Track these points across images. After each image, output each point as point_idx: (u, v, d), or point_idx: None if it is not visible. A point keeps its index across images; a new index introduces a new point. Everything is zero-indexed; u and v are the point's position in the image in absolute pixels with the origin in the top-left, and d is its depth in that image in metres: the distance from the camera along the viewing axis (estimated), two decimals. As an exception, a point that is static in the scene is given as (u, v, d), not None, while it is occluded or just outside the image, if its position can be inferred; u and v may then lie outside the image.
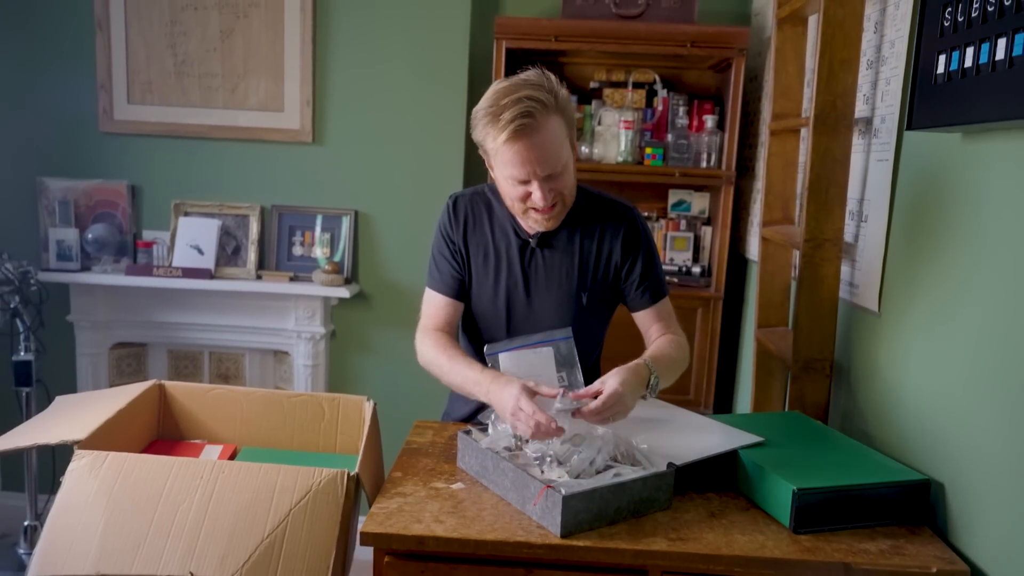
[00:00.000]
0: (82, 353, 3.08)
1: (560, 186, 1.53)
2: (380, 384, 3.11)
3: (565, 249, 1.66)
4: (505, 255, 1.67)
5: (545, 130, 1.46)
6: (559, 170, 1.51)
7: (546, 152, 1.47)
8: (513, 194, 1.54)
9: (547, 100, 1.46)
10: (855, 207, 1.79)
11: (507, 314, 1.69)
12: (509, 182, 1.53)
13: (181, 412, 1.80)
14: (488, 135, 1.48)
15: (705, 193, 2.98)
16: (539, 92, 1.46)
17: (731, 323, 2.95)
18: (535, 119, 1.44)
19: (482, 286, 1.70)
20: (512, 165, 1.48)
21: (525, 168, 1.48)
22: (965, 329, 1.32)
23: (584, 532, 1.26)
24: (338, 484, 1.35)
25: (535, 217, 1.57)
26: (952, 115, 1.26)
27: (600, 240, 1.67)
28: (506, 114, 1.43)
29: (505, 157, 1.48)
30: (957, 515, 1.31)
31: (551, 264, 1.66)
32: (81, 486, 1.32)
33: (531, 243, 1.66)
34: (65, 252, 2.98)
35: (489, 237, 1.68)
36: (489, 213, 1.70)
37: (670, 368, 1.58)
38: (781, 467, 1.37)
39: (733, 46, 2.67)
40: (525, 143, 1.45)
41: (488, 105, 1.48)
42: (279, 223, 3.04)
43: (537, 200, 1.51)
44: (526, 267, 1.67)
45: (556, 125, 1.48)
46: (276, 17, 2.91)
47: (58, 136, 3.03)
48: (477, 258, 1.69)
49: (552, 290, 1.66)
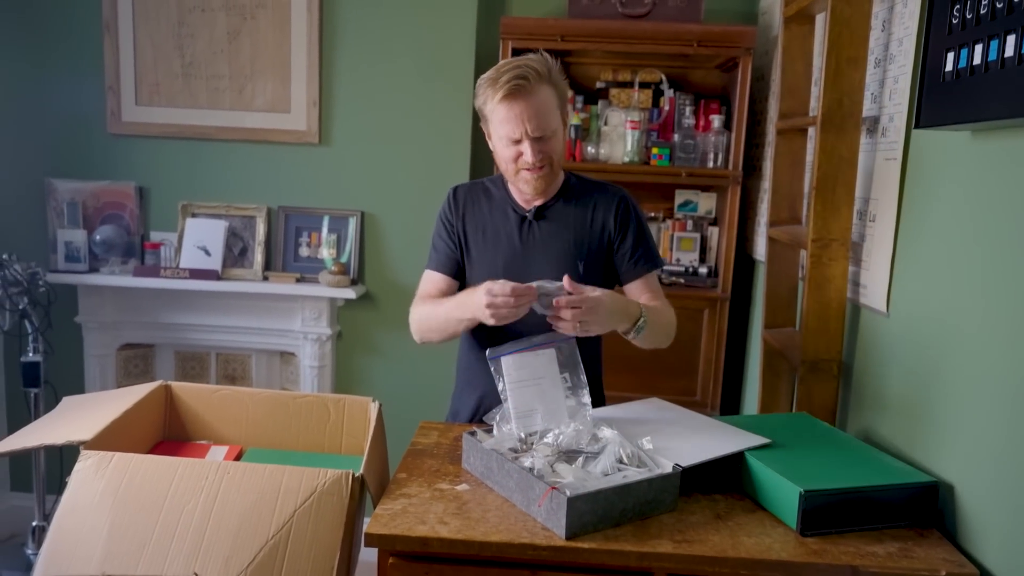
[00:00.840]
0: (90, 354, 3.09)
1: (548, 149, 1.66)
2: (386, 385, 3.10)
3: (560, 221, 1.76)
4: (503, 230, 1.77)
5: (537, 95, 1.62)
6: (548, 134, 1.65)
7: (537, 112, 1.62)
8: (507, 155, 1.68)
9: (541, 70, 1.63)
10: (863, 206, 1.78)
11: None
12: (503, 142, 1.67)
13: (187, 413, 1.80)
14: (488, 97, 1.64)
15: (712, 193, 2.96)
16: (535, 63, 1.63)
17: (738, 324, 2.94)
18: (529, 82, 1.60)
19: (482, 260, 1.78)
20: (506, 122, 1.63)
21: (518, 126, 1.62)
22: (974, 329, 1.30)
23: (589, 534, 1.25)
24: (343, 485, 1.34)
25: (525, 177, 1.68)
26: (960, 113, 1.25)
27: (593, 213, 1.77)
28: (504, 77, 1.60)
29: (500, 115, 1.63)
30: (966, 517, 1.30)
31: (548, 235, 1.76)
32: (87, 487, 1.32)
33: (528, 217, 1.76)
34: (73, 253, 2.99)
35: (487, 216, 1.79)
36: (487, 197, 1.82)
37: (659, 324, 1.70)
38: (788, 469, 1.36)
39: (740, 45, 2.66)
40: (519, 103, 1.61)
41: (490, 73, 1.65)
42: (285, 224, 3.04)
43: (527, 157, 1.64)
44: (524, 239, 1.76)
45: (548, 94, 1.64)
46: (283, 18, 2.92)
47: (66, 138, 3.05)
48: (476, 236, 1.79)
49: (550, 260, 1.74)
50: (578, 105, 2.92)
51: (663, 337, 1.74)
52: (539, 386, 1.49)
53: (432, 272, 1.83)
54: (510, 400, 1.48)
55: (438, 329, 1.74)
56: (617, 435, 1.40)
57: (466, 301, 1.62)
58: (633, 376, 2.79)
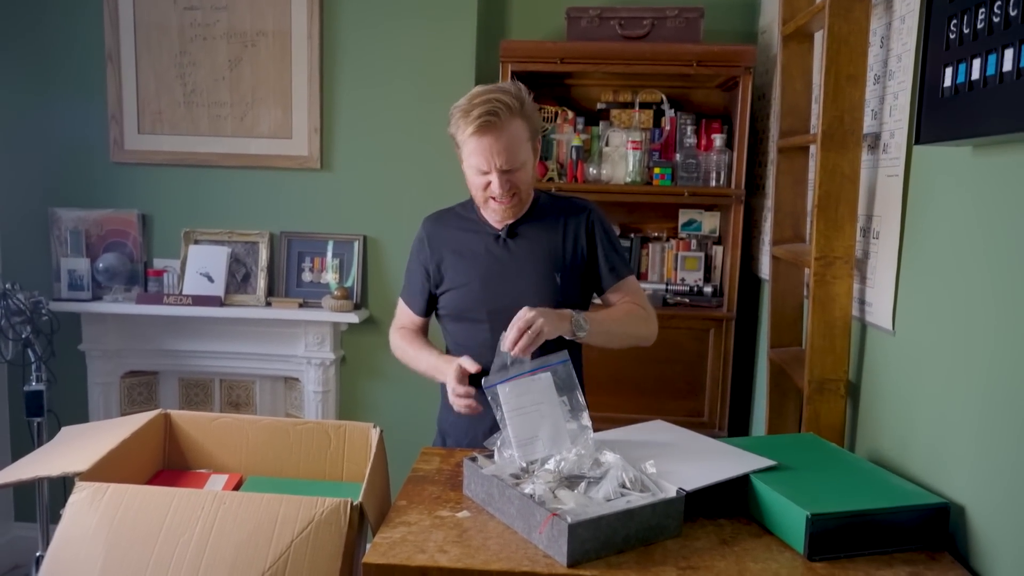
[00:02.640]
0: (94, 382, 3.08)
1: (517, 180, 1.70)
2: (390, 409, 3.08)
3: (534, 237, 1.81)
4: (478, 249, 1.82)
5: (507, 129, 1.65)
6: (516, 166, 1.68)
7: (506, 147, 1.65)
8: (476, 183, 1.72)
9: (512, 104, 1.65)
10: (866, 223, 1.76)
11: (487, 302, 1.77)
12: (472, 171, 1.71)
13: (187, 441, 1.79)
14: (459, 128, 1.67)
15: (715, 212, 2.95)
16: (506, 96, 1.65)
17: (745, 343, 2.91)
18: (499, 117, 1.63)
19: (459, 280, 1.82)
20: (475, 155, 1.67)
21: (486, 159, 1.66)
22: (981, 346, 1.28)
23: (592, 561, 1.22)
24: (341, 514, 1.32)
25: (494, 207, 1.74)
26: (961, 129, 1.23)
27: (565, 228, 1.82)
28: (475, 111, 1.63)
29: (470, 147, 1.67)
30: (978, 539, 1.27)
31: (523, 250, 1.80)
32: (81, 519, 1.31)
33: (501, 235, 1.80)
34: (76, 282, 3.00)
35: (460, 237, 1.84)
36: (459, 220, 1.87)
37: (609, 320, 1.77)
38: (795, 491, 1.33)
39: (740, 64, 2.66)
40: (488, 137, 1.64)
41: (462, 103, 1.67)
42: (288, 250, 3.04)
43: (495, 189, 1.69)
44: (499, 257, 1.80)
45: (518, 127, 1.67)
46: (283, 46, 2.94)
47: (69, 167, 3.07)
48: (450, 259, 1.83)
49: (526, 275, 1.78)
50: (579, 126, 2.92)
51: (626, 337, 1.81)
52: (539, 412, 1.47)
53: (402, 305, 1.94)
54: (510, 428, 1.46)
55: (417, 371, 1.86)
56: (620, 459, 1.37)
57: (441, 368, 1.73)
58: (640, 397, 2.77)
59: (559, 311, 1.65)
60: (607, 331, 1.75)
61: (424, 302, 1.89)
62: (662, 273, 2.93)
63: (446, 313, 1.86)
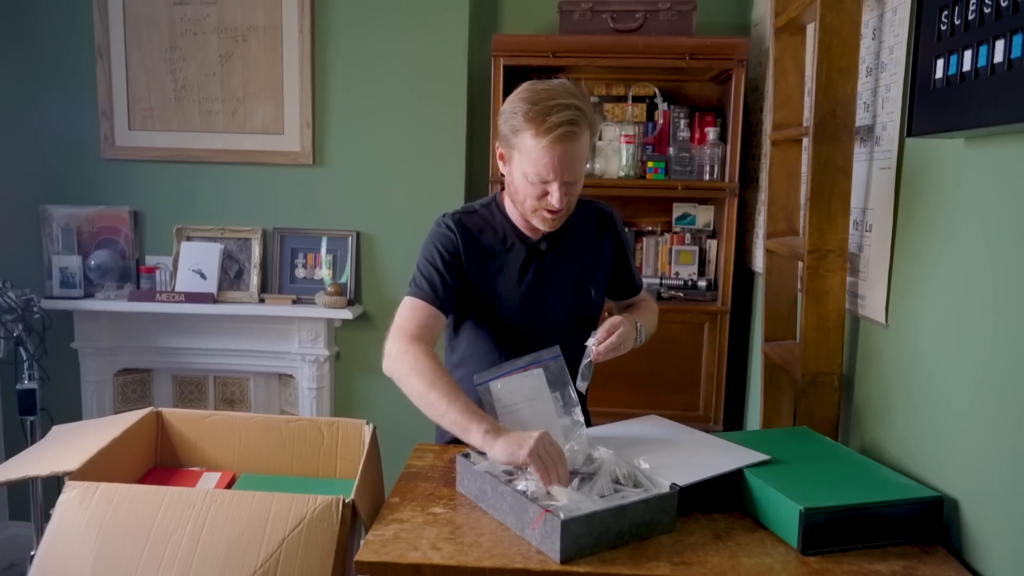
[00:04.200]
0: (87, 380, 3.07)
1: (573, 192, 1.60)
2: (385, 405, 3.07)
3: (570, 249, 1.73)
4: (517, 261, 1.69)
5: (581, 140, 1.53)
6: (578, 178, 1.58)
7: (575, 160, 1.54)
8: (531, 191, 1.57)
9: (589, 113, 1.55)
10: (859, 216, 1.76)
11: (524, 316, 1.69)
12: (529, 179, 1.55)
13: (179, 439, 1.78)
14: (527, 132, 1.51)
15: (709, 206, 2.95)
16: (583, 103, 1.53)
17: (740, 337, 2.91)
18: (579, 127, 1.51)
19: (497, 293, 1.68)
20: (541, 163, 1.52)
21: (553, 171, 1.52)
22: (975, 339, 1.28)
23: (585, 557, 1.22)
24: (333, 511, 1.32)
25: (544, 216, 1.61)
26: (952, 120, 1.23)
27: (596, 236, 1.77)
28: (554, 117, 1.48)
29: (535, 155, 1.52)
30: (972, 533, 1.27)
31: (561, 264, 1.72)
32: (71, 518, 1.30)
33: (542, 247, 1.70)
34: (68, 279, 2.98)
35: (496, 244, 1.70)
36: (489, 227, 1.71)
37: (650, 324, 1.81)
38: (788, 486, 1.33)
39: (732, 57, 2.65)
40: (564, 148, 1.50)
41: (533, 103, 1.51)
42: (281, 246, 3.03)
43: (554, 201, 1.56)
44: (538, 272, 1.70)
45: (587, 138, 1.56)
46: (274, 40, 2.92)
47: (60, 163, 3.04)
48: (484, 270, 1.67)
49: (566, 289, 1.72)
50: (572, 120, 2.90)
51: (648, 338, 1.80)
52: (531, 408, 1.46)
53: (420, 303, 1.61)
54: (503, 425, 1.45)
55: (418, 404, 1.52)
56: (613, 455, 1.37)
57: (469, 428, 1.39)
58: (634, 392, 2.76)
59: (631, 324, 1.64)
60: (647, 335, 1.76)
61: (452, 299, 1.65)
62: (656, 267, 2.93)
63: (476, 324, 1.70)
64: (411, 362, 1.51)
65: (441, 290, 1.62)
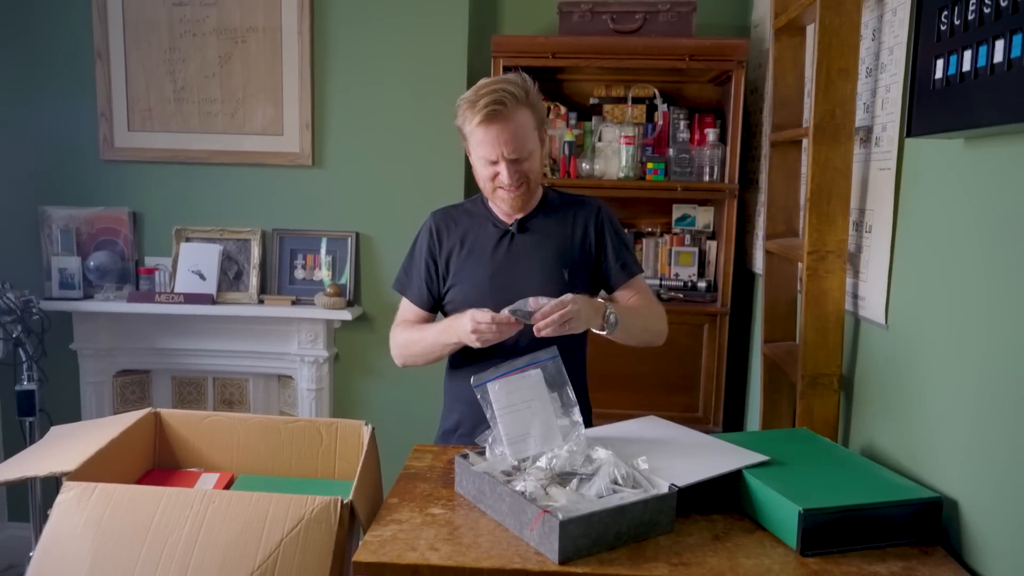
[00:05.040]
0: (86, 381, 3.07)
1: (525, 169, 1.70)
2: (384, 406, 3.08)
3: (542, 233, 1.80)
4: (487, 244, 1.80)
5: (514, 118, 1.65)
6: (524, 156, 1.68)
7: (514, 136, 1.65)
8: (484, 174, 1.73)
9: (518, 93, 1.66)
10: (859, 217, 1.76)
11: (495, 295, 1.72)
12: (481, 162, 1.71)
13: (177, 440, 1.78)
14: (466, 119, 1.67)
15: (709, 207, 2.94)
16: (512, 86, 1.67)
17: (740, 338, 2.91)
18: (506, 107, 1.64)
19: (467, 275, 1.80)
20: (483, 145, 1.67)
21: (494, 148, 1.66)
22: (975, 340, 1.27)
23: (583, 558, 1.22)
24: (331, 512, 1.31)
25: (503, 196, 1.73)
26: (952, 121, 1.23)
27: (574, 224, 1.82)
28: (481, 101, 1.63)
29: (477, 138, 1.67)
30: (971, 534, 1.26)
31: (531, 247, 1.79)
32: (69, 519, 1.29)
33: (511, 230, 1.80)
34: (67, 280, 2.98)
35: (469, 232, 1.82)
36: (468, 216, 1.86)
37: (636, 315, 1.76)
38: (787, 487, 1.33)
39: (732, 58, 2.65)
40: (496, 126, 1.64)
41: (468, 95, 1.68)
42: (280, 247, 3.03)
43: (503, 179, 1.69)
44: (508, 251, 1.79)
45: (525, 116, 1.67)
46: (274, 41, 2.92)
47: (59, 165, 3.04)
48: (459, 254, 1.81)
49: (535, 270, 1.77)
50: (571, 121, 2.91)
51: (644, 332, 1.80)
52: (529, 409, 1.46)
53: (408, 304, 1.87)
54: (501, 427, 1.44)
55: (422, 354, 1.79)
56: (611, 456, 1.37)
57: (452, 325, 1.68)
58: (634, 393, 2.76)
59: (595, 304, 1.65)
60: (632, 326, 1.73)
61: (428, 294, 1.83)
62: (656, 268, 2.93)
63: (453, 308, 1.81)
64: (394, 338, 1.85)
65: (421, 287, 1.84)
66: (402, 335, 1.82)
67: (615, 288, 1.84)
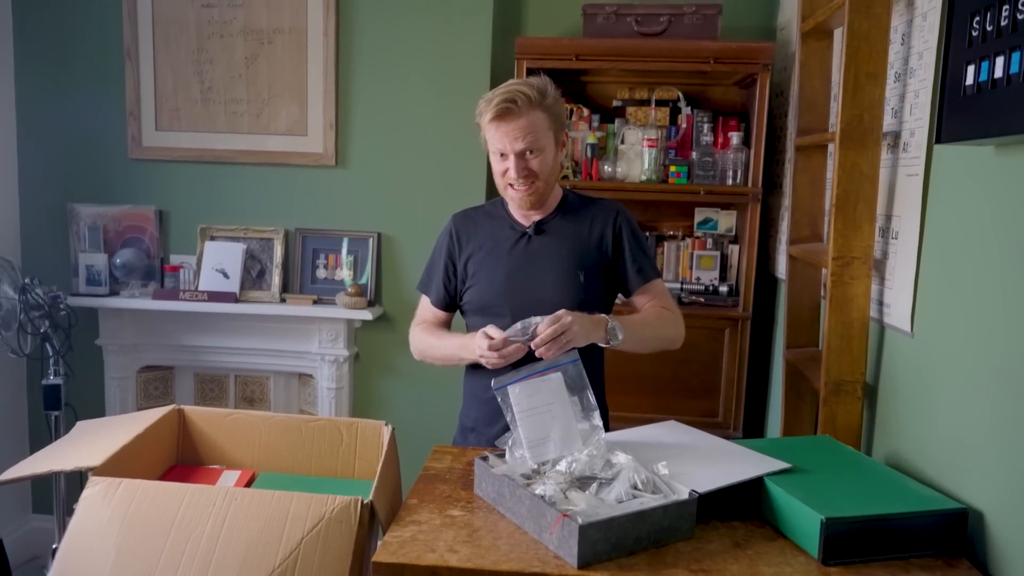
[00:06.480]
0: (110, 376, 3.11)
1: (533, 165, 1.74)
2: (404, 407, 3.09)
3: (559, 235, 1.83)
4: (504, 245, 1.84)
5: (524, 117, 1.71)
6: (532, 150, 1.73)
7: (523, 132, 1.71)
8: (497, 169, 1.78)
9: (532, 95, 1.71)
10: (885, 223, 1.74)
11: (510, 296, 1.79)
12: (494, 157, 1.78)
13: (200, 437, 1.79)
14: (482, 115, 1.75)
15: (732, 211, 2.92)
16: (528, 88, 1.72)
17: (761, 344, 2.89)
18: (517, 105, 1.69)
19: (484, 275, 1.84)
20: (494, 139, 1.75)
21: (503, 142, 1.73)
22: (1001, 349, 1.26)
23: (602, 563, 1.21)
24: (351, 512, 1.32)
25: (512, 194, 1.78)
26: (983, 128, 1.21)
27: (591, 227, 1.84)
28: (496, 99, 1.70)
29: (490, 133, 1.75)
30: (997, 546, 1.24)
31: (548, 248, 1.82)
32: (94, 513, 1.31)
33: (528, 232, 1.83)
34: (94, 277, 3.02)
35: (487, 233, 1.87)
36: (487, 217, 1.91)
37: (642, 325, 1.78)
38: (809, 495, 1.31)
39: (757, 61, 2.63)
40: (505, 123, 1.71)
41: (489, 93, 1.75)
42: (303, 246, 3.05)
43: (511, 173, 1.74)
44: (525, 253, 1.83)
45: (537, 116, 1.72)
46: (299, 42, 2.94)
47: (88, 163, 3.09)
48: (477, 254, 1.86)
49: (551, 271, 1.80)
50: (594, 124, 2.90)
51: (654, 340, 1.82)
52: (550, 412, 1.45)
53: (426, 302, 1.95)
54: (521, 430, 1.44)
55: (440, 359, 1.86)
56: (632, 460, 1.36)
57: (468, 344, 1.73)
58: (653, 397, 2.75)
59: (595, 318, 1.67)
60: (640, 337, 1.75)
61: (445, 294, 1.90)
62: (677, 272, 2.91)
63: (470, 308, 1.87)
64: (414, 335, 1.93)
65: (439, 288, 1.90)
66: (423, 339, 1.89)
67: (632, 292, 1.86)
